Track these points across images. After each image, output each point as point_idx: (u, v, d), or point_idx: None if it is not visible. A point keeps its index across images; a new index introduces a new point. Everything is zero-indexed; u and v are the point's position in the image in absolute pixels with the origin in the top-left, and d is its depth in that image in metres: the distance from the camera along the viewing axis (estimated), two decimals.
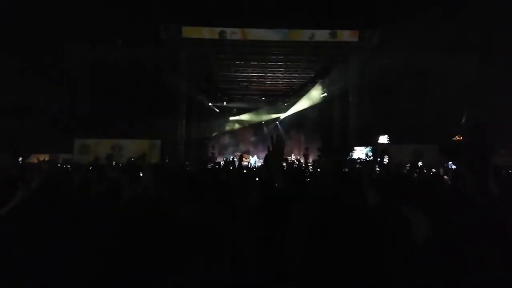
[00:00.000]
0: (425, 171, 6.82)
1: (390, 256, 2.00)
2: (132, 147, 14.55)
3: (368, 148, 16.03)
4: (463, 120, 12.99)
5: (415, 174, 5.92)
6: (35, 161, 13.72)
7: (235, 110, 21.34)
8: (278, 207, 2.04)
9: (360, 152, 16.10)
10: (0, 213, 2.22)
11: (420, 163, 9.81)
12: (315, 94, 19.56)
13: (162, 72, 15.15)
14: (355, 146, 15.95)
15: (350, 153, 15.51)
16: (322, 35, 15.08)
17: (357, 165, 9.57)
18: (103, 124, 14.99)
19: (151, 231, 1.79)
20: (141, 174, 3.39)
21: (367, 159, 14.18)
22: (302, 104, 20.50)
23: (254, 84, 20.45)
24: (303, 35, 15.13)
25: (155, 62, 15.66)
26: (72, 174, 4.01)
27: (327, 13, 14.26)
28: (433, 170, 6.82)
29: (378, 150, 13.94)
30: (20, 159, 13.49)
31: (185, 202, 2.29)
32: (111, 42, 14.95)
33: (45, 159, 14.19)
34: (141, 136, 15.18)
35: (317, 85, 19.23)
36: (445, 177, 3.98)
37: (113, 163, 9.65)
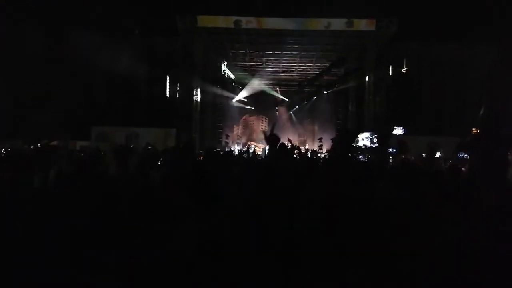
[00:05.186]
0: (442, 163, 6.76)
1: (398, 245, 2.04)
2: (148, 136, 14.73)
3: (372, 134, 14.70)
4: (482, 112, 12.69)
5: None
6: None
7: (248, 99, 21.31)
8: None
9: (364, 139, 14.85)
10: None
11: (439, 154, 9.71)
12: (330, 83, 19.39)
13: (177, 62, 15.22)
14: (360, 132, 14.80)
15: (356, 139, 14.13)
16: (338, 24, 14.86)
17: (367, 155, 9.37)
18: (120, 113, 15.24)
19: None
20: None
21: (372, 146, 13.37)
22: (317, 93, 20.37)
23: (268, 73, 20.37)
24: (319, 24, 14.93)
25: (170, 51, 15.74)
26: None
27: (344, 1, 14.04)
28: (450, 161, 6.74)
29: (395, 141, 13.51)
30: (38, 145, 13.89)
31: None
32: (128, 32, 15.06)
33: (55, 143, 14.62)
34: (156, 125, 15.39)
35: (332, 74, 19.04)
36: (462, 169, 3.95)
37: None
